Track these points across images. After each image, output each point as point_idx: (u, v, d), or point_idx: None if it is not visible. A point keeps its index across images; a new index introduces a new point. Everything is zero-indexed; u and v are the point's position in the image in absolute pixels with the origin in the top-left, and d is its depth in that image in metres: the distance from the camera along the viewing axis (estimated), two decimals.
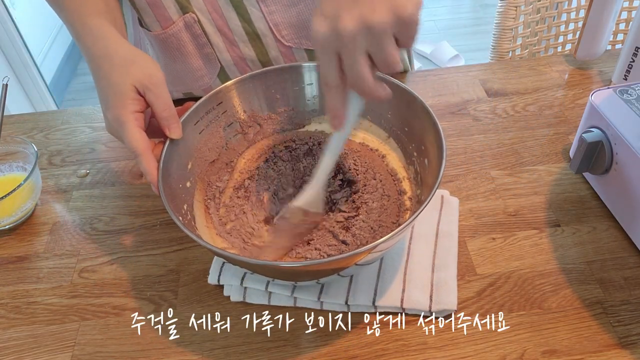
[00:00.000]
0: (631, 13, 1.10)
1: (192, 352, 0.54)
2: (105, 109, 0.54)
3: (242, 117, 0.64)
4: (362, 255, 0.46)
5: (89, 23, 0.57)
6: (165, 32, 0.74)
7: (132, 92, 0.53)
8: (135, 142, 0.51)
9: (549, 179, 0.68)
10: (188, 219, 0.55)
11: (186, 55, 0.77)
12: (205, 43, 0.76)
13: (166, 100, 0.54)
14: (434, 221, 0.62)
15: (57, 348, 0.55)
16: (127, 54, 0.55)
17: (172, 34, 0.74)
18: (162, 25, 0.74)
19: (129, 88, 0.52)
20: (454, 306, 0.54)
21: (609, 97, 0.62)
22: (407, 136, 0.60)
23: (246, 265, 0.49)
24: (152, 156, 0.52)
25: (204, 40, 0.75)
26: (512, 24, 1.05)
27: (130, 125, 0.52)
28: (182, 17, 0.73)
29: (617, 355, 0.51)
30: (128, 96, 0.52)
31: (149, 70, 0.53)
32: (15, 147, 0.70)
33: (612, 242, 0.60)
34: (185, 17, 0.73)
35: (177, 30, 0.74)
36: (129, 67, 0.53)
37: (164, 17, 0.73)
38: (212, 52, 0.77)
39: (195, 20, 0.73)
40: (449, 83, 0.84)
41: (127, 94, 0.52)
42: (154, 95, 0.53)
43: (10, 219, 0.66)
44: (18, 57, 2.07)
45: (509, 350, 0.51)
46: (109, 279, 0.61)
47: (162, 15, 0.73)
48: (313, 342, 0.54)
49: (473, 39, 2.66)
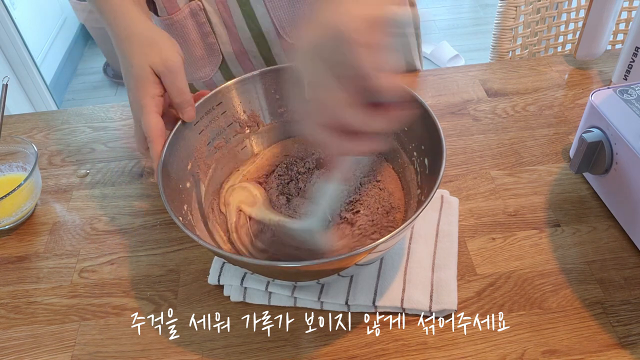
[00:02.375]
0: (631, 13, 1.10)
1: (192, 352, 0.54)
2: (128, 89, 0.55)
3: (242, 117, 0.64)
4: (362, 255, 0.46)
5: (112, 1, 0.57)
6: (171, 18, 0.74)
7: (151, 75, 0.53)
8: (150, 127, 0.53)
9: (549, 179, 0.68)
10: (188, 219, 0.55)
11: (189, 44, 0.77)
12: (209, 32, 0.76)
13: (181, 86, 0.54)
14: (434, 221, 0.62)
15: (57, 348, 0.55)
16: (147, 35, 0.55)
17: (177, 20, 0.74)
18: (168, 10, 0.74)
19: (148, 71, 0.53)
20: (454, 306, 0.54)
21: (609, 97, 0.62)
22: (407, 136, 0.60)
23: (246, 265, 0.49)
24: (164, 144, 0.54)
25: (208, 29, 0.75)
26: (512, 24, 1.05)
27: (148, 110, 0.53)
28: (188, 4, 0.73)
29: (617, 355, 0.51)
30: (147, 79, 0.53)
31: (166, 53, 0.54)
32: (15, 147, 0.70)
33: (612, 242, 0.60)
34: (191, 4, 0.73)
35: (182, 17, 0.74)
36: (147, 49, 0.54)
37: (170, 3, 0.73)
38: (215, 42, 0.77)
39: (200, 8, 0.73)
40: (449, 83, 0.84)
41: (147, 77, 0.53)
42: (169, 80, 0.54)
43: (10, 219, 0.66)
44: (18, 57, 2.07)
45: (509, 350, 0.51)
46: (109, 279, 0.61)
47: (169, 0, 0.73)
48: (313, 342, 0.54)
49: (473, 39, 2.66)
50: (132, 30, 0.55)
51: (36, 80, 2.16)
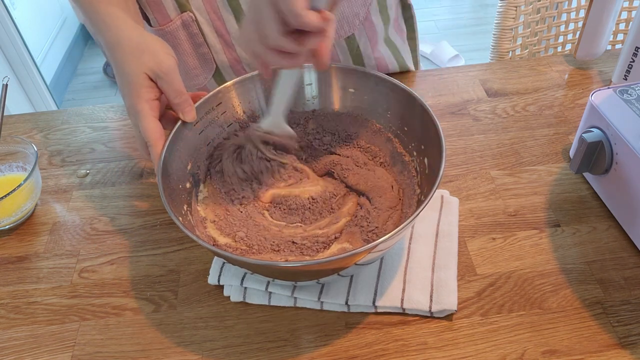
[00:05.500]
0: (631, 13, 1.10)
1: (192, 352, 0.54)
2: (123, 96, 0.56)
3: (242, 117, 0.64)
4: (362, 255, 0.46)
5: (101, 11, 0.57)
6: (163, 29, 0.74)
7: (145, 80, 0.54)
8: (148, 131, 0.53)
9: (549, 179, 0.68)
10: (188, 219, 0.55)
11: (182, 54, 0.77)
12: (202, 43, 0.76)
13: (177, 86, 0.55)
14: (434, 221, 0.62)
15: (57, 348, 0.55)
16: (138, 41, 0.55)
17: (169, 31, 0.74)
18: (159, 22, 0.74)
19: (141, 77, 0.53)
20: (454, 306, 0.54)
21: (609, 97, 0.62)
22: (407, 136, 0.60)
23: (246, 265, 0.49)
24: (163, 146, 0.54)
25: (200, 39, 0.75)
26: (512, 24, 1.05)
27: (144, 115, 0.53)
28: (179, 16, 0.73)
29: (617, 355, 0.51)
30: (141, 85, 0.54)
31: (159, 57, 0.54)
32: (15, 147, 0.70)
33: (612, 242, 0.60)
34: (183, 16, 0.73)
35: (174, 29, 0.74)
36: (140, 56, 0.54)
37: (161, 14, 0.73)
38: (208, 52, 0.77)
39: (193, 20, 0.73)
40: (449, 83, 0.84)
41: (141, 83, 0.53)
42: (166, 83, 0.54)
43: (10, 219, 0.66)
44: (18, 57, 2.07)
45: (509, 350, 0.51)
46: (109, 279, 0.61)
47: (160, 12, 0.73)
48: (313, 342, 0.54)
49: (473, 39, 2.66)
50: (123, 38, 0.55)
51: (36, 80, 2.16)
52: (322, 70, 0.61)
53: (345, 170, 0.61)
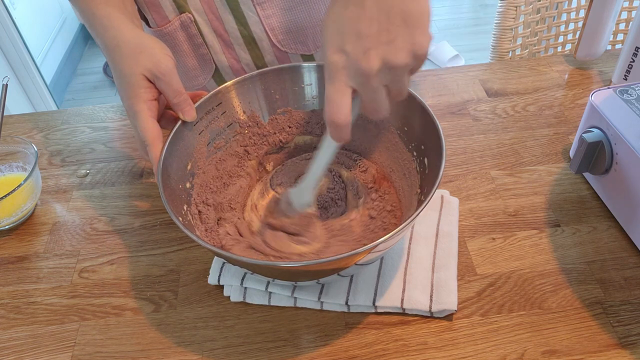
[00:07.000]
0: (631, 13, 1.10)
1: (192, 352, 0.54)
2: (121, 97, 0.55)
3: (242, 117, 0.64)
4: (362, 255, 0.46)
5: (98, 13, 0.57)
6: (161, 30, 0.74)
7: (143, 81, 0.54)
8: (146, 132, 0.53)
9: (549, 179, 0.68)
10: (188, 219, 0.55)
11: (181, 55, 0.77)
12: (201, 43, 0.76)
13: (176, 86, 0.55)
14: (434, 221, 0.62)
15: (57, 348, 0.55)
16: (135, 42, 0.55)
17: (168, 32, 0.74)
18: (157, 23, 0.74)
19: (139, 78, 0.53)
20: (454, 306, 0.54)
21: (609, 97, 0.62)
22: (407, 136, 0.60)
23: (246, 265, 0.49)
24: (161, 146, 0.54)
25: (199, 40, 0.75)
26: (512, 24, 1.05)
27: (142, 115, 0.53)
28: (178, 17, 0.73)
29: (617, 355, 0.51)
30: (139, 86, 0.53)
31: (157, 58, 0.54)
32: (15, 147, 0.70)
33: (612, 242, 0.60)
34: (182, 17, 0.73)
35: (172, 30, 0.74)
36: (138, 57, 0.54)
37: (160, 15, 0.73)
38: (207, 53, 0.77)
39: (191, 21, 0.73)
40: (449, 83, 0.84)
41: (138, 84, 0.53)
42: (164, 83, 0.54)
43: (10, 219, 0.66)
44: (18, 57, 2.07)
45: (509, 350, 0.51)
46: (109, 279, 0.61)
47: (158, 13, 0.73)
48: (313, 342, 0.54)
49: (473, 39, 2.66)
50: (121, 39, 0.55)
51: (36, 80, 2.16)
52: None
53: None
